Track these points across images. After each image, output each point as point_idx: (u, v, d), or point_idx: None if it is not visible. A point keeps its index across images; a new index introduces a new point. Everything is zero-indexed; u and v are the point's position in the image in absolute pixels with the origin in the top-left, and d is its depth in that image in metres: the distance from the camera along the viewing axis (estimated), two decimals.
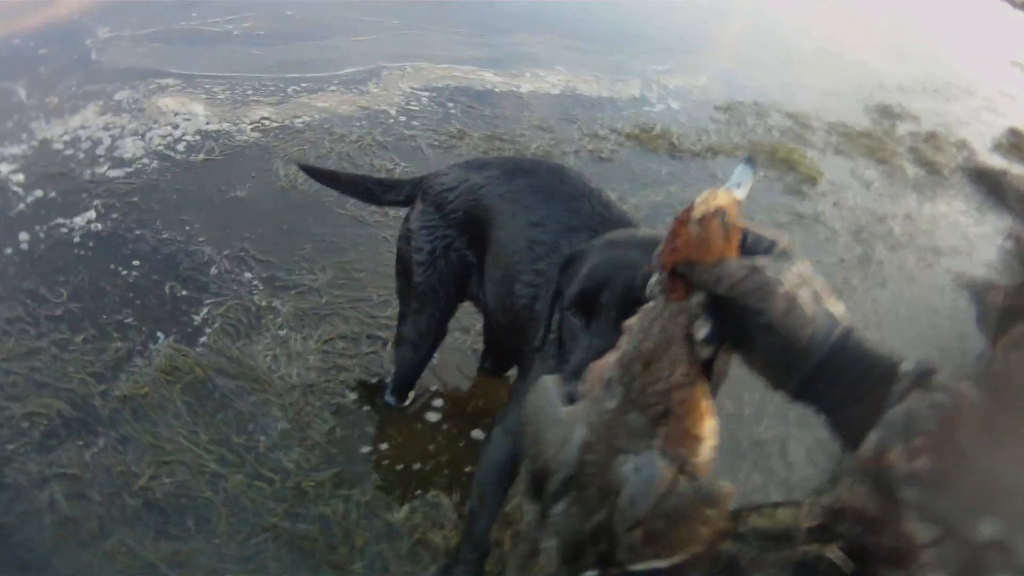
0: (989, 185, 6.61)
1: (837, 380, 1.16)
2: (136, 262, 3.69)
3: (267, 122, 4.98)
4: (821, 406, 1.21)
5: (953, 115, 7.85)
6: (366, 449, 3.08)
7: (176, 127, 4.75)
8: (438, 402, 3.32)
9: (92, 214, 3.93)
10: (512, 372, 3.28)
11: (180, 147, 4.58)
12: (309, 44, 6.14)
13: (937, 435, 1.07)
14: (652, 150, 5.77)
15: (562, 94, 6.32)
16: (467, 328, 3.65)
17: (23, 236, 3.71)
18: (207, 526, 2.70)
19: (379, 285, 3.78)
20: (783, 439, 3.50)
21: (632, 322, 1.33)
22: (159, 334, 3.34)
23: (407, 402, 3.26)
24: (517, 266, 2.45)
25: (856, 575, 2.32)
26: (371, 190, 3.00)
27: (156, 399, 3.07)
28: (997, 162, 7.11)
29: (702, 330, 1.25)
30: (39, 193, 4.01)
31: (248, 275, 3.72)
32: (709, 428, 1.30)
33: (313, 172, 3.30)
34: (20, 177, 4.09)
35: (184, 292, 3.58)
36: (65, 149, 4.37)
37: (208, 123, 4.85)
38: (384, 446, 3.10)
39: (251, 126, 4.90)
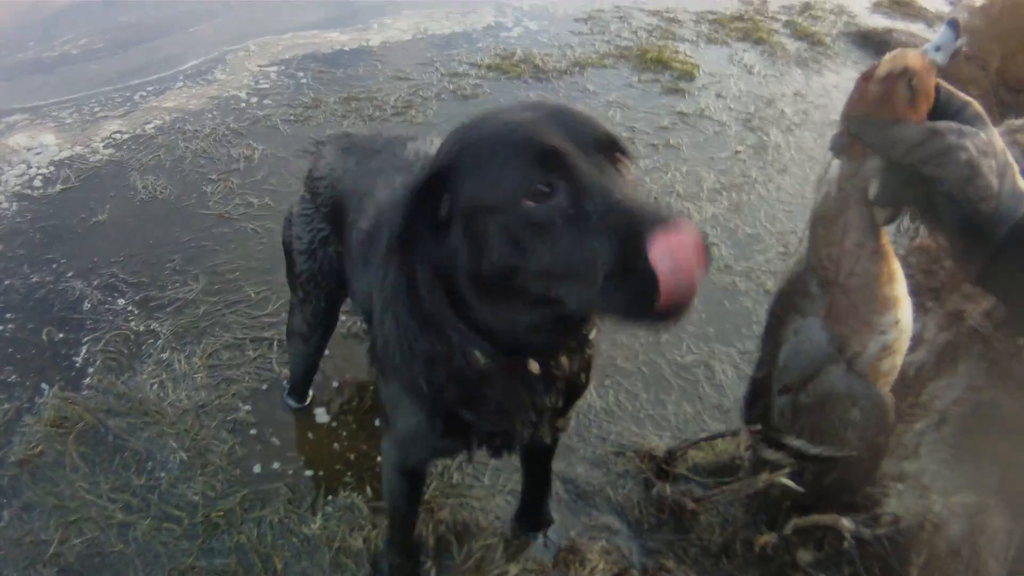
0: (876, 47, 6.38)
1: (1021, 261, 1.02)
2: (9, 314, 3.40)
3: (119, 136, 4.63)
4: (1004, 296, 1.11)
5: None
6: (270, 464, 2.82)
7: (30, 163, 4.39)
8: (337, 396, 3.07)
9: None
10: None
11: (36, 183, 4.24)
12: (148, 46, 5.75)
13: None
14: (516, 76, 5.49)
15: (414, 39, 5.99)
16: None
17: None
18: None
19: (255, 282, 3.51)
20: (707, 361, 3.28)
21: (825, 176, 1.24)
22: (43, 386, 3.06)
23: (307, 401, 3.01)
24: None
25: (811, 496, 2.13)
26: None
27: (51, 456, 2.80)
28: (879, 22, 6.85)
29: (872, 188, 1.15)
30: None
31: (121, 302, 3.43)
32: (886, 319, 1.20)
33: None
34: None
35: (61, 335, 3.29)
36: None
37: (60, 151, 4.49)
38: (287, 455, 2.85)
39: (103, 144, 4.55)
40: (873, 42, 6.43)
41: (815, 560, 2.33)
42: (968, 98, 1.13)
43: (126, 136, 4.63)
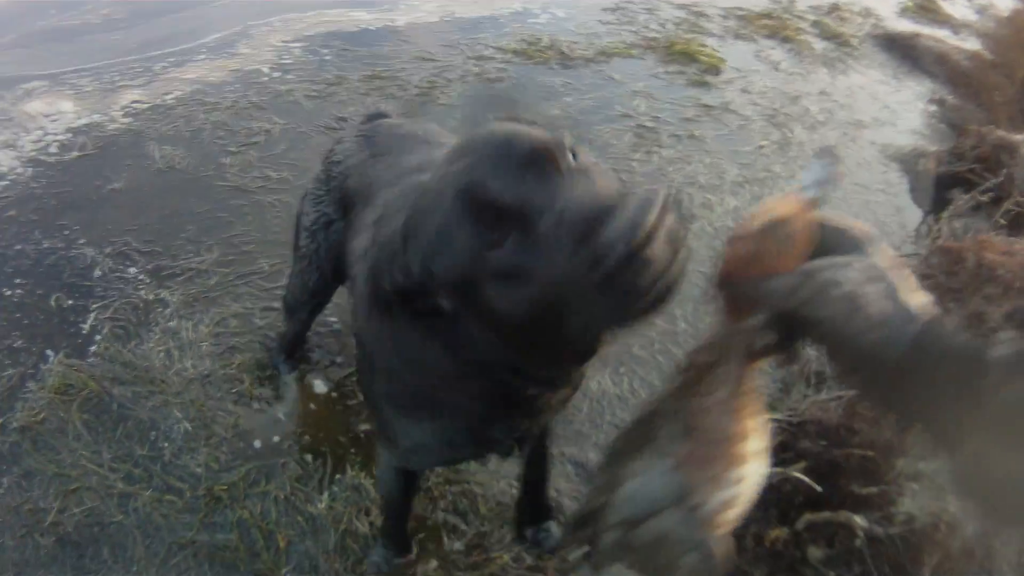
0: (902, 50, 6.33)
1: (922, 383, 0.96)
2: (19, 279, 3.35)
3: (137, 105, 4.57)
4: (913, 414, 1.02)
5: None
6: (274, 437, 2.76)
7: (46, 130, 4.35)
8: (342, 371, 3.01)
9: None
10: None
11: (52, 149, 4.19)
12: (171, 18, 5.70)
13: None
14: (543, 62, 5.42)
15: (440, 20, 5.93)
16: None
17: None
18: (123, 553, 2.42)
19: (270, 255, 3.45)
20: None
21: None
22: (49, 352, 3.01)
23: (296, 367, 2.98)
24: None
25: (826, 494, 2.07)
26: None
27: (54, 423, 2.76)
28: (906, 26, 6.77)
29: (762, 339, 1.09)
30: None
31: (133, 270, 3.38)
32: (733, 475, 1.11)
33: None
34: None
35: (70, 302, 3.24)
36: None
37: (78, 118, 4.45)
38: (293, 430, 2.79)
39: (121, 112, 4.50)
40: (899, 45, 6.35)
41: (826, 557, 2.28)
42: (848, 223, 1.07)
43: (145, 106, 4.58)
